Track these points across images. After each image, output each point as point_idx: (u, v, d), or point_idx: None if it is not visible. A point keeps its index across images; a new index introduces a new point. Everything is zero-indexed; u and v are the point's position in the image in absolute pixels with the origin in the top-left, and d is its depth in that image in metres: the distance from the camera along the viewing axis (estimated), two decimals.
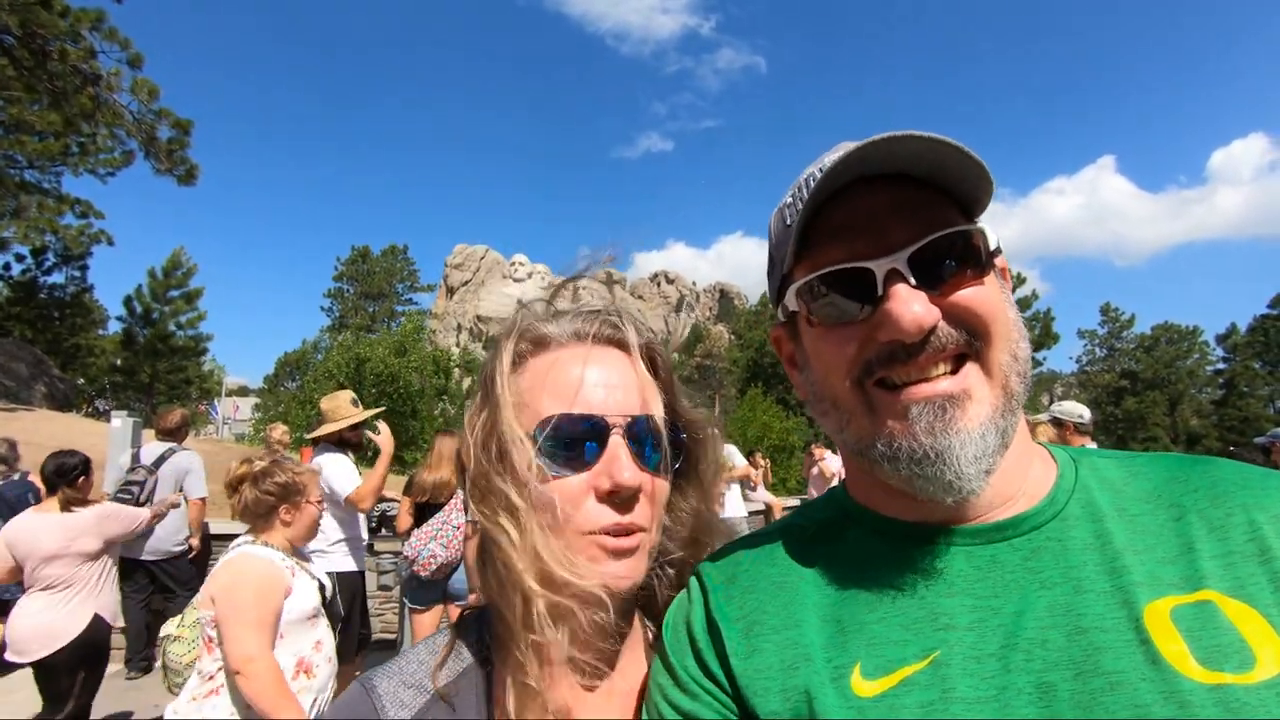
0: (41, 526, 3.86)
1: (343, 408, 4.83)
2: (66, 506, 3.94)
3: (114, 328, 37.49)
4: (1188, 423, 44.81)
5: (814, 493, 8.89)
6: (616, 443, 0.77)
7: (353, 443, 4.90)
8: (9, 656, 3.76)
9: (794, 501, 12.28)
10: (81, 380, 34.20)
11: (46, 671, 3.75)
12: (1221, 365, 45.36)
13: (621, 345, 0.85)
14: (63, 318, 34.16)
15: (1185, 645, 0.55)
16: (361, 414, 4.86)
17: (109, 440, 6.56)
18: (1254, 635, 0.55)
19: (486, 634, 0.84)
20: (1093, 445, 5.75)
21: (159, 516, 4.95)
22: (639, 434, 0.79)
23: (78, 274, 34.61)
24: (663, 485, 0.82)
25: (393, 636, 6.83)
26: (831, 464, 9.73)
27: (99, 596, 3.96)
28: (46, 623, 3.73)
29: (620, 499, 0.77)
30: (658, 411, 0.82)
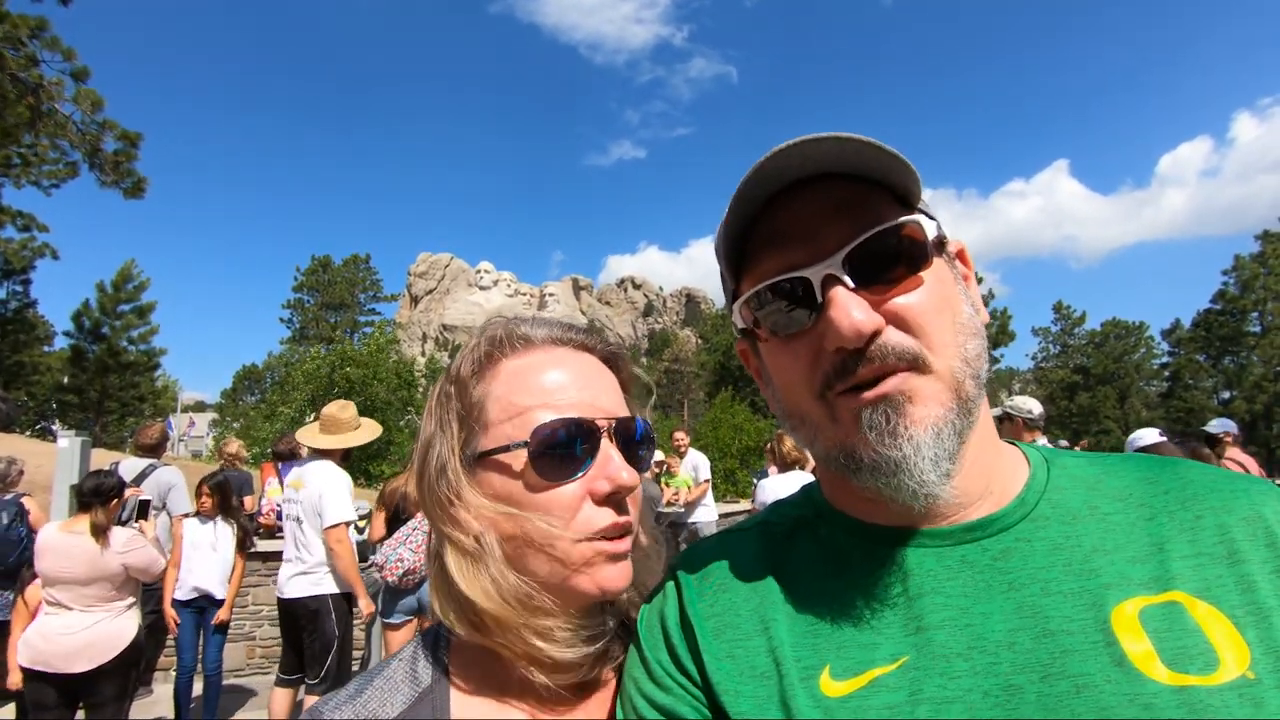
0: (77, 546, 3.79)
1: (353, 420, 4.74)
2: (99, 529, 3.83)
3: (61, 344, 36.02)
4: (1138, 415, 46.46)
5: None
6: (608, 444, 0.77)
7: (347, 457, 4.82)
8: (51, 668, 3.66)
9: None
10: (25, 399, 32.74)
11: (90, 681, 3.73)
12: (1167, 359, 47.12)
13: (590, 350, 0.85)
14: (4, 334, 32.65)
15: (1152, 646, 0.56)
16: (369, 433, 4.78)
17: (56, 461, 6.29)
18: (1219, 637, 0.55)
19: (443, 651, 0.81)
20: (1044, 440, 5.85)
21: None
22: (626, 434, 0.79)
23: (20, 289, 33.11)
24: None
25: (360, 652, 6.68)
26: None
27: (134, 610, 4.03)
28: (102, 634, 3.76)
29: (617, 500, 0.76)
30: (635, 413, 0.84)
